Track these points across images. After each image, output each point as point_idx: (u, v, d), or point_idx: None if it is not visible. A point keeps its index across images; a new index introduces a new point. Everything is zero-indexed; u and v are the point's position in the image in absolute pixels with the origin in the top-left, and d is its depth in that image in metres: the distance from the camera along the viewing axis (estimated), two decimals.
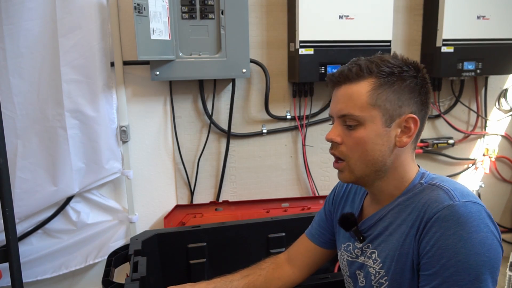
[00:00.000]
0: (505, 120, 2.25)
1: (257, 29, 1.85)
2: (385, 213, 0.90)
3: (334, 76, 0.88)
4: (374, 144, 0.84)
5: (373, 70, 0.84)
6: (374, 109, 0.83)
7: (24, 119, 1.60)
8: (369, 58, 0.87)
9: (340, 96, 0.87)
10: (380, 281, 0.88)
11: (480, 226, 0.75)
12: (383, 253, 0.88)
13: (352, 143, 0.86)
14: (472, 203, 0.78)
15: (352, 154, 0.87)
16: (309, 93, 1.93)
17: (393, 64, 0.84)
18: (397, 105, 0.84)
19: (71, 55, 1.59)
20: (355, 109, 0.84)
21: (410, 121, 0.85)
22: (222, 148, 1.90)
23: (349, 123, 0.85)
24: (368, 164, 0.86)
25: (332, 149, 0.91)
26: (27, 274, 1.70)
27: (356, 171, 0.88)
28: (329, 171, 2.06)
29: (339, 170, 0.91)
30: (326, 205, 1.14)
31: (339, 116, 0.87)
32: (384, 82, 0.83)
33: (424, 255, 0.79)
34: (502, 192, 2.35)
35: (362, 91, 0.84)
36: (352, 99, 0.84)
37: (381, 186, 0.90)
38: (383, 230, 0.90)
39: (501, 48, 1.94)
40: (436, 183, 0.85)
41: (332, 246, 1.11)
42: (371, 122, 0.84)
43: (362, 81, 0.84)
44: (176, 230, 1.49)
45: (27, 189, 1.64)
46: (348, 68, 0.86)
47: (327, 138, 0.89)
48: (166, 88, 1.81)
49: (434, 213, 0.78)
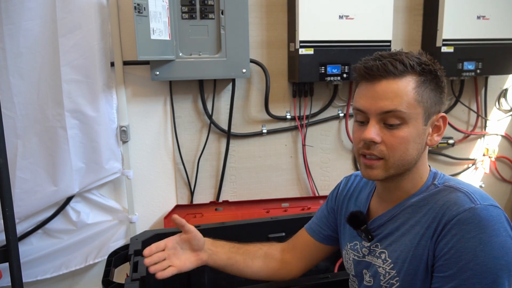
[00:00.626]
0: (505, 120, 2.25)
1: (257, 29, 1.85)
2: (396, 213, 0.89)
3: (371, 70, 0.81)
4: (414, 143, 0.82)
5: (415, 66, 0.81)
6: (419, 107, 0.81)
7: (24, 119, 1.60)
8: (403, 54, 0.83)
9: (381, 92, 0.81)
10: (390, 282, 0.87)
11: (500, 230, 0.75)
12: (394, 253, 0.87)
13: (394, 142, 0.81)
14: (493, 207, 0.77)
15: (393, 154, 0.82)
16: (309, 93, 1.93)
17: (428, 62, 0.84)
18: (434, 102, 0.84)
19: (71, 55, 1.59)
20: (403, 105, 0.80)
21: (441, 120, 0.86)
22: (222, 148, 1.90)
23: (392, 122, 0.81)
24: (405, 163, 0.84)
25: (369, 148, 0.83)
26: (27, 274, 1.70)
27: (392, 170, 0.84)
28: (329, 171, 2.06)
29: (370, 167, 0.85)
30: (329, 202, 1.13)
31: (381, 113, 0.81)
32: (425, 79, 0.82)
33: (441, 257, 0.78)
34: (502, 192, 2.35)
35: (408, 87, 0.80)
36: (399, 95, 0.80)
37: (399, 185, 0.88)
38: (394, 230, 0.89)
39: (501, 48, 1.94)
40: (453, 185, 0.84)
41: (331, 242, 1.11)
42: (415, 120, 0.81)
43: (406, 77, 0.81)
44: (176, 230, 1.48)
45: (27, 189, 1.64)
46: (389, 62, 0.80)
47: (367, 138, 0.82)
48: (166, 88, 1.81)
49: (454, 215, 0.77)
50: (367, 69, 0.82)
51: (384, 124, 0.82)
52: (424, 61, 0.83)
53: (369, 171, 0.85)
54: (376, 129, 0.82)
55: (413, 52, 0.86)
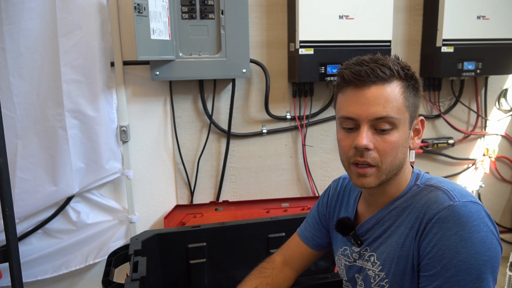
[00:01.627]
0: (505, 120, 2.25)
1: (257, 29, 1.85)
2: (382, 216, 0.90)
3: (360, 76, 0.79)
4: (403, 148, 0.83)
5: (400, 72, 0.81)
6: (406, 112, 0.82)
7: (24, 119, 1.60)
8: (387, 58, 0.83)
9: (372, 97, 0.79)
10: (380, 284, 0.88)
11: (480, 226, 0.76)
12: (382, 255, 0.88)
13: (386, 147, 0.81)
14: (471, 203, 0.78)
15: (385, 159, 0.81)
16: (309, 93, 1.93)
17: (408, 67, 0.84)
18: (415, 107, 0.85)
19: (71, 55, 1.59)
20: (394, 111, 0.79)
21: (420, 123, 0.87)
22: (222, 148, 1.90)
23: (383, 127, 0.80)
24: (395, 168, 0.84)
25: (362, 156, 0.81)
26: (27, 274, 1.70)
27: (384, 176, 0.83)
28: (329, 171, 2.06)
29: (364, 175, 0.83)
30: (320, 208, 1.12)
31: (372, 120, 0.80)
32: (409, 84, 0.83)
33: (424, 256, 0.79)
34: (502, 192, 2.35)
35: (396, 93, 0.80)
36: (389, 101, 0.79)
37: (386, 189, 0.89)
38: (381, 233, 0.89)
39: (501, 48, 1.94)
40: (433, 184, 0.85)
41: (325, 248, 1.12)
42: (403, 125, 0.82)
43: (394, 82, 0.81)
44: (176, 230, 1.49)
45: (27, 189, 1.64)
46: (377, 67, 0.80)
47: (361, 145, 0.80)
48: (166, 88, 1.81)
49: (434, 214, 0.78)
50: (355, 75, 0.80)
51: (375, 129, 0.81)
52: (404, 66, 0.84)
53: (362, 180, 0.84)
54: (369, 135, 0.80)
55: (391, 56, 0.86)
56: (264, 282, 1.08)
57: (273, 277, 1.10)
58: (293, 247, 1.15)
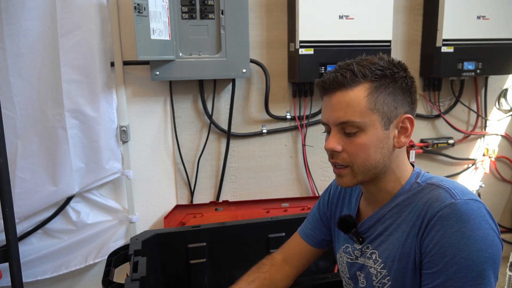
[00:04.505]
0: (505, 120, 2.25)
1: (257, 29, 1.85)
2: (383, 214, 0.90)
3: (325, 83, 0.84)
4: (376, 148, 0.84)
5: (367, 74, 0.82)
6: (374, 114, 0.83)
7: (24, 119, 1.60)
8: (357, 61, 0.85)
9: (336, 104, 0.84)
10: (382, 281, 0.88)
11: (482, 223, 0.76)
12: (384, 253, 0.88)
13: (354, 149, 0.84)
14: (473, 201, 0.79)
15: (355, 160, 0.85)
16: (309, 93, 1.93)
17: (384, 66, 0.84)
18: (393, 106, 0.84)
19: (71, 55, 1.59)
20: (355, 115, 0.82)
21: (406, 121, 0.86)
22: (222, 148, 1.90)
23: (349, 131, 0.83)
24: (371, 168, 0.86)
25: (333, 158, 0.87)
26: (27, 274, 1.70)
27: (358, 176, 0.87)
28: (329, 171, 2.06)
29: (339, 175, 0.89)
30: (321, 207, 1.13)
31: (337, 124, 0.85)
32: (379, 85, 0.83)
33: (426, 253, 0.79)
34: (502, 192, 2.35)
35: (359, 96, 0.82)
36: (351, 106, 0.82)
37: (380, 187, 0.90)
38: (383, 230, 0.90)
39: (501, 48, 1.94)
40: (435, 182, 0.86)
41: (325, 245, 1.13)
42: (372, 127, 0.83)
43: (358, 86, 0.82)
44: (176, 230, 1.49)
45: (27, 189, 1.64)
46: (340, 74, 0.83)
47: (328, 148, 0.86)
48: (166, 88, 1.81)
49: (436, 212, 0.79)
50: (322, 83, 0.86)
51: (344, 133, 0.85)
52: (381, 66, 0.83)
53: (339, 179, 0.89)
54: (336, 139, 0.85)
55: (374, 56, 0.86)
56: (261, 277, 1.09)
57: (271, 273, 1.11)
58: (293, 245, 1.16)
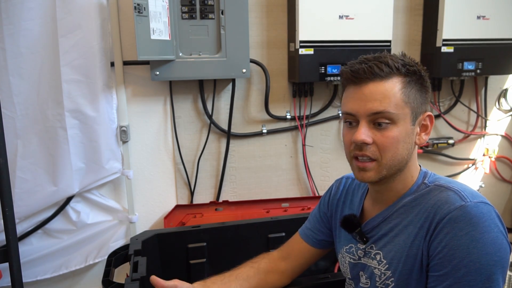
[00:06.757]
0: (505, 120, 2.25)
1: (257, 29, 1.85)
2: (389, 214, 0.90)
3: (358, 73, 0.83)
4: (404, 143, 0.84)
5: (400, 68, 0.83)
6: (406, 107, 0.83)
7: (24, 119, 1.60)
8: (388, 56, 0.85)
9: (369, 94, 0.82)
10: (386, 282, 0.88)
11: (491, 226, 0.76)
12: (389, 254, 0.88)
13: (385, 142, 0.83)
14: (483, 204, 0.78)
15: (384, 154, 0.83)
16: (309, 93, 1.93)
17: (413, 63, 0.85)
18: (420, 102, 0.85)
19: (71, 55, 1.59)
20: (391, 106, 0.81)
21: (428, 119, 0.88)
22: (222, 148, 1.90)
23: (382, 121, 0.82)
24: (397, 163, 0.85)
25: (361, 150, 0.84)
26: (27, 274, 1.70)
27: (384, 171, 0.85)
28: (329, 171, 2.06)
29: (364, 169, 0.86)
30: (321, 207, 1.13)
31: (370, 114, 0.82)
32: (411, 80, 0.84)
33: (435, 256, 0.79)
34: (502, 192, 2.35)
35: (395, 88, 0.82)
36: (387, 97, 0.82)
37: (391, 186, 0.89)
38: (388, 231, 0.89)
39: (501, 48, 1.94)
40: (443, 184, 0.85)
41: (325, 246, 1.12)
42: (403, 120, 0.83)
43: (392, 79, 0.83)
44: (176, 230, 1.49)
45: (27, 189, 1.64)
46: (375, 65, 0.82)
47: (358, 140, 0.83)
48: (166, 88, 1.81)
49: (445, 214, 0.78)
50: (353, 73, 0.84)
51: (373, 125, 0.83)
52: (408, 62, 0.85)
53: (362, 174, 0.86)
54: (366, 130, 0.83)
55: (396, 54, 0.87)
56: (248, 265, 1.12)
57: (260, 263, 1.12)
58: (292, 244, 1.16)
